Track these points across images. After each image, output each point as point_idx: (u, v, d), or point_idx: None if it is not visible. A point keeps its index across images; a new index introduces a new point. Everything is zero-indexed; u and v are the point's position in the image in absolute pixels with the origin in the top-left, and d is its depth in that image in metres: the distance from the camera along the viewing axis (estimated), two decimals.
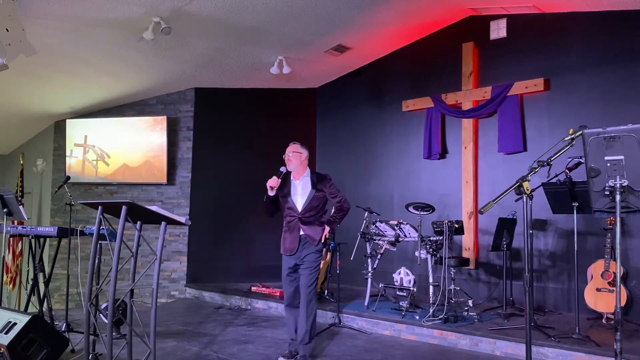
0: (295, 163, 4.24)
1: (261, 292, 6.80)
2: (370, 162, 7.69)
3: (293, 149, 4.28)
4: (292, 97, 8.38)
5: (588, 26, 5.82)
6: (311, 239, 4.17)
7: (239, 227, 7.89)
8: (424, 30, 7.04)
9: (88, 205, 3.51)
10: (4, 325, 3.83)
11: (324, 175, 4.36)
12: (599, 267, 5.06)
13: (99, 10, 5.27)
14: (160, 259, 3.34)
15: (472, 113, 6.54)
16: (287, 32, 6.29)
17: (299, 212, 4.20)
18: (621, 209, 2.64)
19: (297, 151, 4.26)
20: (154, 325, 3.27)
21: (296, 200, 4.24)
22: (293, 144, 4.32)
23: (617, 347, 2.59)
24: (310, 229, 4.18)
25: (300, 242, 4.19)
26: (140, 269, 6.81)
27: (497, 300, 5.97)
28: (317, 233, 4.19)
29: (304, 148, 4.32)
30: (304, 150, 4.31)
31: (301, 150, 4.29)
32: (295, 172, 4.30)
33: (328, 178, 4.34)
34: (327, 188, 4.28)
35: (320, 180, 4.29)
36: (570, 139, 2.96)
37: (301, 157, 4.26)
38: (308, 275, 4.16)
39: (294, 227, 4.21)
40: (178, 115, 7.97)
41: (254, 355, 4.47)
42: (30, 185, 9.13)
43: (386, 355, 4.52)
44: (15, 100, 7.57)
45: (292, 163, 4.23)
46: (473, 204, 6.46)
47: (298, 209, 4.21)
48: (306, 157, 4.32)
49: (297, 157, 4.25)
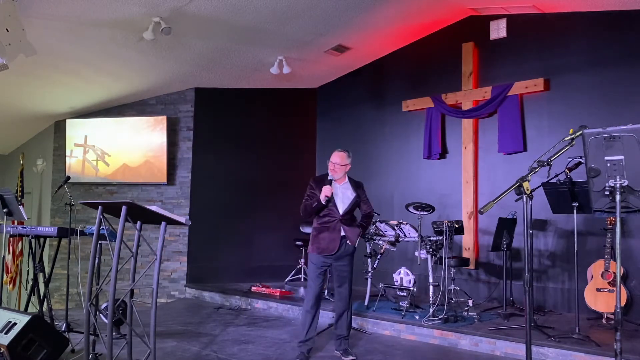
0: (340, 174, 4.39)
1: (261, 292, 6.80)
2: (370, 162, 7.69)
3: (340, 161, 4.37)
4: (292, 97, 8.38)
5: (588, 26, 5.82)
6: (350, 239, 4.36)
7: (239, 227, 7.89)
8: (424, 30, 7.04)
9: (88, 205, 3.51)
10: (4, 325, 3.82)
11: (360, 183, 4.58)
12: (599, 267, 5.06)
13: (99, 10, 5.27)
14: (160, 259, 3.34)
15: (472, 113, 6.54)
16: (287, 32, 6.29)
17: (340, 214, 4.33)
18: (621, 209, 2.64)
19: (344, 164, 4.38)
20: (154, 325, 3.27)
21: (338, 203, 4.37)
22: (340, 151, 4.41)
23: (617, 347, 2.59)
24: (349, 229, 4.36)
25: (341, 241, 4.34)
26: (140, 269, 6.81)
27: (497, 300, 5.98)
28: (354, 234, 4.39)
29: (349, 157, 4.43)
30: (349, 161, 4.43)
31: (347, 161, 4.40)
32: (337, 179, 4.47)
33: (363, 187, 4.58)
34: (362, 195, 4.52)
35: (358, 187, 4.51)
36: (570, 139, 2.96)
37: (346, 168, 4.41)
38: (347, 272, 4.40)
39: (335, 227, 4.34)
40: (178, 115, 7.97)
41: (254, 355, 4.47)
42: (30, 185, 9.13)
43: (386, 355, 4.52)
44: (15, 100, 7.57)
45: (337, 174, 4.37)
46: (473, 204, 6.46)
47: (340, 212, 4.34)
48: (350, 166, 4.44)
49: (343, 169, 4.39)
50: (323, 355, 4.48)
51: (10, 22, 4.16)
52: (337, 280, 4.44)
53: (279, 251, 7.97)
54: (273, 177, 8.04)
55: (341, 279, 4.42)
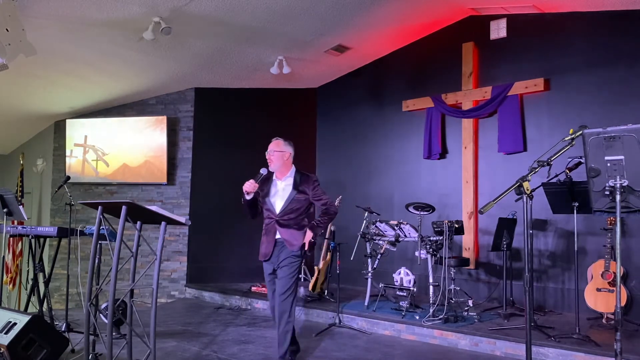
0: (278, 163, 3.88)
1: (261, 292, 6.80)
2: (370, 162, 7.68)
3: (275, 147, 3.89)
4: (292, 97, 8.38)
5: (588, 26, 5.82)
6: (288, 243, 3.80)
7: (239, 227, 7.88)
8: (424, 30, 7.03)
9: (88, 205, 3.51)
10: (4, 325, 3.83)
11: (309, 175, 3.97)
12: (599, 267, 5.06)
13: (99, 10, 5.27)
14: (160, 259, 3.34)
15: (472, 113, 6.54)
16: (287, 32, 6.29)
17: (277, 214, 3.86)
18: (621, 209, 2.64)
19: (280, 150, 3.88)
20: (154, 325, 3.27)
21: (275, 201, 3.90)
22: (276, 140, 3.93)
23: (617, 347, 2.59)
24: (287, 232, 3.81)
25: (275, 246, 3.86)
26: (140, 269, 6.81)
27: (497, 300, 5.97)
28: (295, 238, 3.82)
29: (287, 145, 3.93)
30: (287, 148, 3.92)
31: (284, 148, 3.90)
32: (277, 172, 3.95)
33: (313, 179, 3.94)
34: (311, 190, 3.88)
35: (304, 181, 3.90)
36: (570, 139, 2.96)
37: (284, 156, 3.89)
38: (282, 282, 3.77)
39: (271, 229, 3.88)
40: (178, 115, 7.97)
41: (254, 355, 4.47)
42: (30, 185, 9.13)
43: (386, 355, 4.52)
44: (15, 100, 7.57)
45: (274, 163, 3.87)
46: (473, 204, 6.46)
47: (276, 211, 3.87)
48: (290, 155, 3.94)
49: (280, 156, 3.87)
50: (322, 356, 4.48)
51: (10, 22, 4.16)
52: (277, 292, 3.83)
53: None
54: None
55: (279, 289, 3.79)
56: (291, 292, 3.77)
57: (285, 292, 3.76)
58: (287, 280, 3.77)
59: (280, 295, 3.78)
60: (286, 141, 3.95)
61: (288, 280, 3.77)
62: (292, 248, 3.81)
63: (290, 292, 3.77)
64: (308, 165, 8.28)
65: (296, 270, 3.83)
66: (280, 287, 3.80)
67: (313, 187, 3.90)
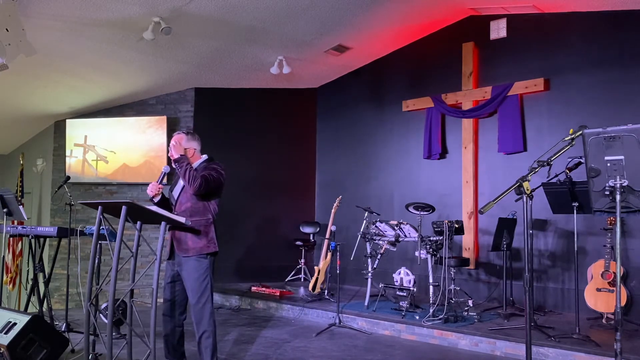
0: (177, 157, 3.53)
1: (261, 292, 6.80)
2: (370, 162, 7.69)
3: (174, 140, 3.55)
4: (292, 97, 8.37)
5: (588, 26, 5.82)
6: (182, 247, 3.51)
7: (239, 227, 7.89)
8: (424, 30, 7.03)
9: (88, 205, 3.51)
10: (4, 325, 3.82)
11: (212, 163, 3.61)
12: (599, 267, 5.06)
13: (99, 10, 5.27)
14: (160, 259, 3.34)
15: (472, 113, 6.54)
16: (287, 32, 6.29)
17: (175, 207, 3.64)
18: (621, 209, 2.64)
19: (178, 143, 3.55)
20: (154, 325, 3.27)
21: (175, 195, 3.69)
22: (177, 134, 3.59)
23: (617, 347, 2.59)
24: (182, 232, 3.50)
25: (172, 246, 3.62)
26: (140, 269, 6.81)
27: (497, 300, 5.98)
28: (194, 240, 3.52)
29: (191, 140, 3.58)
30: (189, 144, 3.56)
31: (187, 144, 3.56)
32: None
33: (212, 166, 3.56)
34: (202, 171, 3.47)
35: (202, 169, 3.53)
36: (570, 139, 2.96)
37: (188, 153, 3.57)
38: (197, 288, 3.50)
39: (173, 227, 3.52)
40: (178, 115, 7.96)
41: (254, 355, 4.46)
42: (30, 185, 9.12)
43: (386, 355, 4.52)
44: (15, 100, 7.57)
45: (173, 157, 3.53)
46: (473, 204, 6.46)
47: (175, 205, 3.65)
48: (194, 151, 3.61)
49: (178, 150, 3.54)
50: (322, 356, 4.48)
51: (10, 22, 4.16)
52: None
53: (279, 251, 7.96)
54: (273, 177, 8.03)
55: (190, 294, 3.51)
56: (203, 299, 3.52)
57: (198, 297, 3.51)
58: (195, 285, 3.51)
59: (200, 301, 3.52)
60: (189, 134, 3.61)
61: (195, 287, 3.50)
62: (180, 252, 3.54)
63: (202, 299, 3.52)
64: (308, 165, 8.28)
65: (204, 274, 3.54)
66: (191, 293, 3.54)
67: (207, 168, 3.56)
